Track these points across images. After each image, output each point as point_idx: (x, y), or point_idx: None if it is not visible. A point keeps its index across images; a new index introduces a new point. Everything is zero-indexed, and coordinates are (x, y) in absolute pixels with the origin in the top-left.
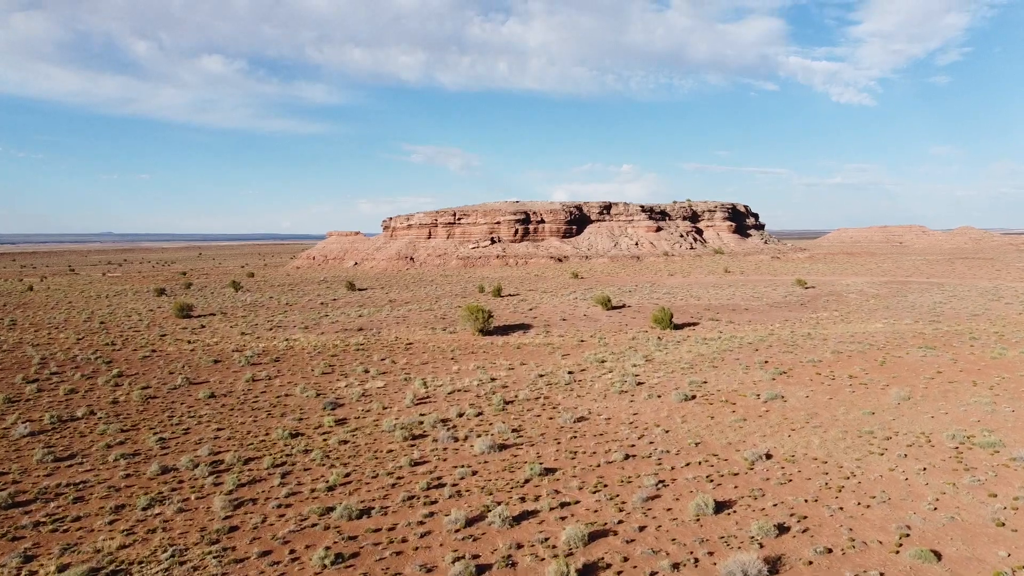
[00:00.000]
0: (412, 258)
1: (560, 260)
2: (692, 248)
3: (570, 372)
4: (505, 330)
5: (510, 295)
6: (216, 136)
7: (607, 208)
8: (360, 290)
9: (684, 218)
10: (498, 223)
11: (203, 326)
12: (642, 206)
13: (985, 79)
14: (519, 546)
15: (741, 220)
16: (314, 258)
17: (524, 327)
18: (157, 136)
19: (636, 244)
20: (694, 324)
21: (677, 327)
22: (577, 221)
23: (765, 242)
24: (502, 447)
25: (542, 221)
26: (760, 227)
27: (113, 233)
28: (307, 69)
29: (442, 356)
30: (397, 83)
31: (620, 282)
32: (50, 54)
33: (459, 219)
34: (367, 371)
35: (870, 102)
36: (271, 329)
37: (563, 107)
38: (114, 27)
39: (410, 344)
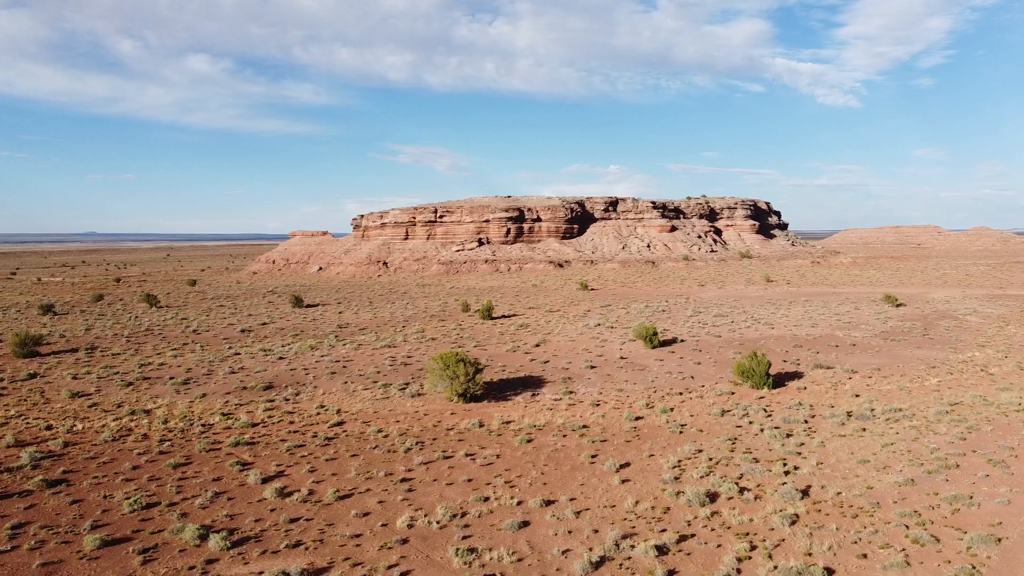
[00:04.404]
0: (385, 263)
1: (560, 265)
2: (713, 251)
3: (660, 551)
4: (501, 388)
5: (504, 316)
6: (203, 136)
7: (613, 205)
8: (309, 306)
9: (701, 216)
10: (487, 221)
11: (33, 375)
12: (653, 202)
13: (968, 82)
14: None
15: (764, 219)
16: (274, 262)
17: (532, 383)
18: (144, 136)
19: (648, 246)
20: (796, 375)
21: (775, 382)
22: (579, 220)
23: (792, 244)
24: None
25: (538, 219)
26: (783, 227)
27: (96, 233)
28: (294, 69)
29: (386, 470)
30: (384, 83)
31: (642, 295)
32: (35, 53)
33: (441, 217)
34: (203, 538)
35: (855, 104)
36: (131, 384)
37: (551, 108)
38: (99, 26)
39: (338, 427)
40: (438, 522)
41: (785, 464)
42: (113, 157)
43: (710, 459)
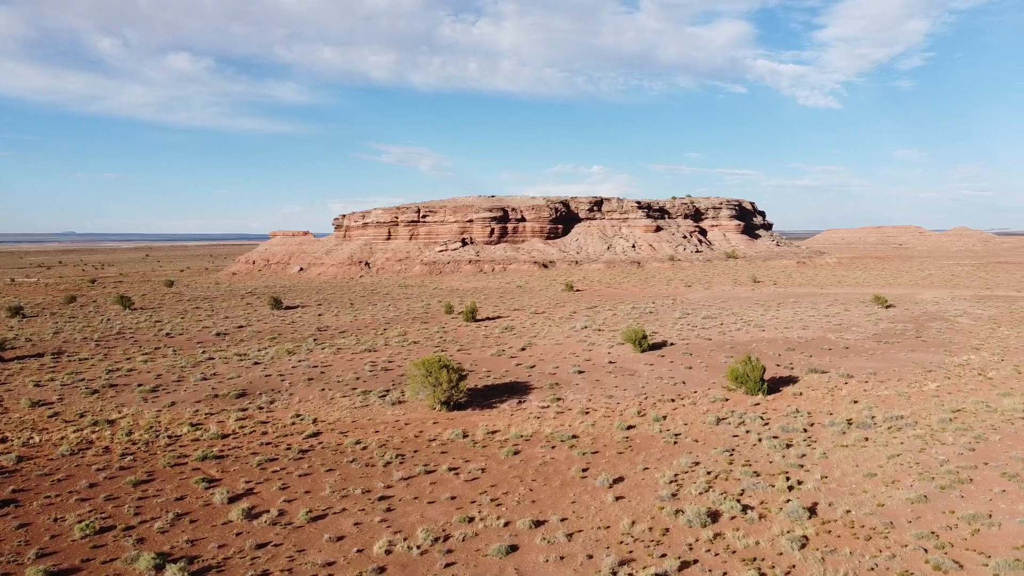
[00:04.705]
0: (368, 263)
1: (545, 266)
2: (698, 251)
3: None
4: (486, 395)
5: (489, 318)
6: (184, 135)
7: (598, 204)
8: (288, 308)
9: (686, 216)
10: (470, 221)
11: None
12: (638, 202)
13: (947, 84)
14: None
15: (749, 219)
16: (254, 262)
17: (518, 389)
18: (124, 134)
19: (633, 247)
20: (790, 380)
21: (770, 388)
22: (563, 219)
23: (777, 244)
24: None
25: (522, 219)
26: (768, 227)
27: (76, 233)
28: (276, 68)
29: (364, 487)
30: (368, 83)
31: (628, 296)
32: (14, 51)
33: (424, 217)
34: (159, 568)
35: (836, 105)
36: (96, 392)
37: (534, 108)
38: (80, 24)
39: (314, 438)
40: (419, 547)
41: (788, 478)
42: (93, 156)
43: (708, 473)
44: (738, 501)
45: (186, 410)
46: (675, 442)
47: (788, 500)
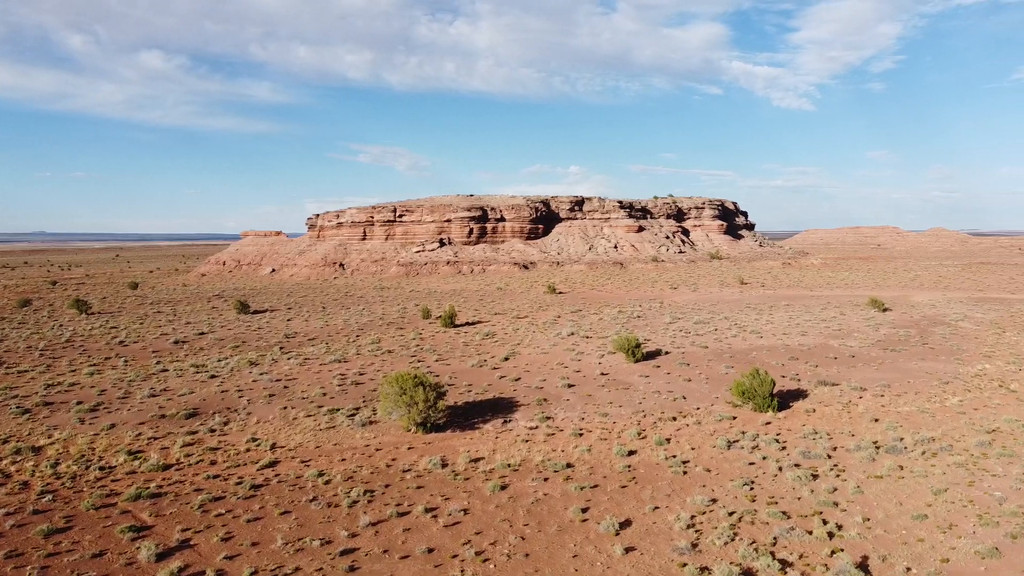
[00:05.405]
0: (342, 264)
1: (525, 267)
2: (681, 252)
3: None
4: (467, 413)
5: (468, 323)
6: (157, 134)
7: (579, 204)
8: (255, 313)
9: (668, 216)
10: (448, 221)
11: None
12: (620, 202)
13: (917, 87)
14: None
15: (731, 219)
16: (224, 263)
17: (502, 406)
18: (95, 133)
19: (615, 247)
20: (800, 394)
21: (780, 403)
22: (544, 219)
23: (760, 244)
24: None
25: (502, 219)
26: (750, 227)
27: (46, 232)
28: (251, 67)
29: (324, 535)
30: (344, 82)
31: (613, 298)
32: None
33: (401, 216)
34: None
35: (809, 107)
36: (28, 411)
37: (511, 109)
38: (48, 20)
39: (270, 468)
40: None
41: (824, 521)
42: (61, 155)
43: (730, 514)
44: (773, 555)
45: (127, 434)
46: (684, 472)
47: (832, 553)
